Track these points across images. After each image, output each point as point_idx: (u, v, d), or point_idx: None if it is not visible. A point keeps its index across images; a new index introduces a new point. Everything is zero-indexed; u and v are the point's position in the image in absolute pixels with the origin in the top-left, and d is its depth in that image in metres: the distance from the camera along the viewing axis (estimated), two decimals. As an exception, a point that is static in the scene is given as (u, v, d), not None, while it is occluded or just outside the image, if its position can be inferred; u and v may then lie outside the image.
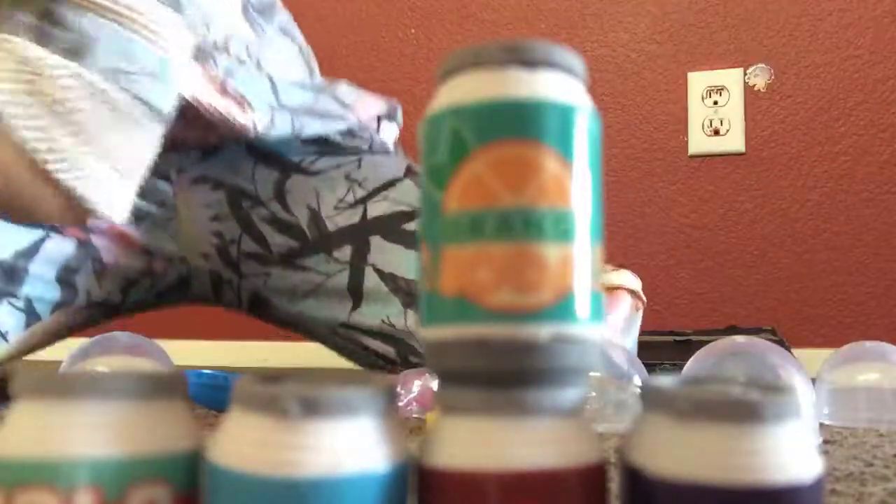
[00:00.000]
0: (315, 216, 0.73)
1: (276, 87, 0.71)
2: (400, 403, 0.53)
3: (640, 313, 0.76)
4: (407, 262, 0.70)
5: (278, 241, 0.74)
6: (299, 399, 0.19)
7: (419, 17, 1.43)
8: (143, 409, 0.21)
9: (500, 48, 0.22)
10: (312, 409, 0.19)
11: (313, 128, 0.73)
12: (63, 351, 0.61)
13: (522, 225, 0.21)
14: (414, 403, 0.53)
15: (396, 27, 1.44)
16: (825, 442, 0.46)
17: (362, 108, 0.78)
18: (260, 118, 0.68)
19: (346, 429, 0.19)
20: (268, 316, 0.78)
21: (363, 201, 0.73)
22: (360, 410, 0.20)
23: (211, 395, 0.56)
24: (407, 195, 0.73)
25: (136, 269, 0.74)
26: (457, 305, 0.21)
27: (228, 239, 0.75)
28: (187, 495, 0.21)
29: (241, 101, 0.68)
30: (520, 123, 0.21)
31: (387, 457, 0.20)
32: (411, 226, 0.72)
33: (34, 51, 0.51)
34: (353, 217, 0.72)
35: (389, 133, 0.82)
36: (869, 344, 0.57)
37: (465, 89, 0.22)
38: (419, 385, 0.54)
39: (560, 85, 0.22)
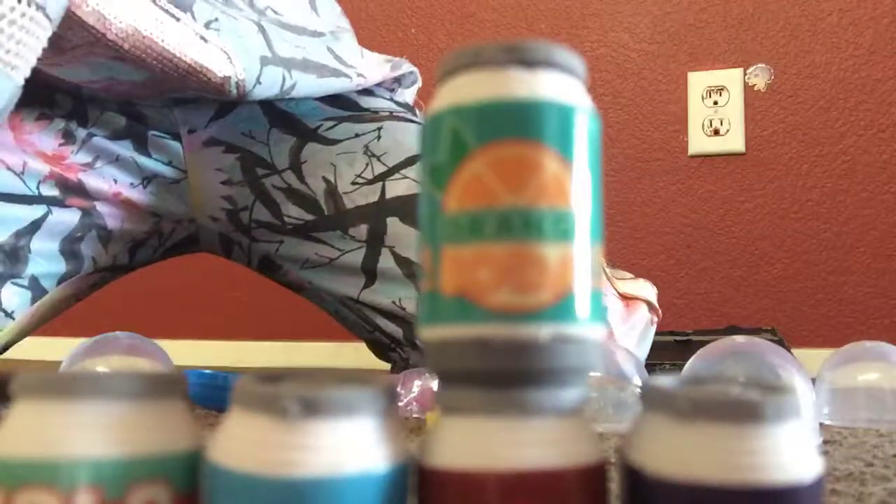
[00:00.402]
0: (332, 191, 0.71)
1: (267, 35, 0.65)
2: (400, 403, 0.53)
3: (655, 326, 0.76)
4: None
5: (293, 212, 0.72)
6: (299, 399, 0.19)
7: (419, 17, 1.43)
8: (143, 409, 0.21)
9: (500, 48, 0.22)
10: (312, 409, 0.19)
11: (307, 85, 0.68)
12: (63, 351, 0.61)
13: (522, 225, 0.21)
14: (414, 403, 0.53)
15: (396, 27, 1.44)
16: (825, 442, 0.46)
17: (368, 70, 0.75)
18: (244, 74, 0.63)
19: (346, 429, 0.19)
20: (277, 278, 0.77)
21: (382, 178, 0.71)
22: (360, 410, 0.20)
23: (211, 395, 0.56)
24: None
25: (142, 232, 0.73)
26: (457, 305, 0.21)
27: (240, 205, 0.73)
28: (187, 495, 0.21)
29: (221, 56, 0.61)
30: (520, 123, 0.21)
31: (387, 457, 0.20)
32: None
33: None
34: (372, 195, 0.71)
35: (409, 96, 0.81)
36: (869, 344, 0.57)
37: (465, 89, 0.22)
38: (419, 385, 0.54)
39: (560, 85, 0.22)
